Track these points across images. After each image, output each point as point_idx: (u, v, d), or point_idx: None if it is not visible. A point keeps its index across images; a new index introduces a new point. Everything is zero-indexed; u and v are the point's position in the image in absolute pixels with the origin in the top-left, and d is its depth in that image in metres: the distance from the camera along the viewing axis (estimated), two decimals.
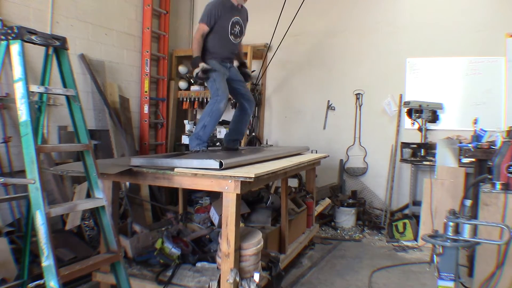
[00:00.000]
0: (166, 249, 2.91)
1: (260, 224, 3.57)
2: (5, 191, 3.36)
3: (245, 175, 2.31)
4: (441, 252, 2.08)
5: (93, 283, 3.07)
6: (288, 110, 5.97)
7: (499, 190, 2.54)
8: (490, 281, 2.51)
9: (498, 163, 2.59)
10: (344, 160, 5.63)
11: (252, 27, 6.05)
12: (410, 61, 5.32)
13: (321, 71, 5.79)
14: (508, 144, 2.64)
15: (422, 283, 3.42)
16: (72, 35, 4.30)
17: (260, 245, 2.68)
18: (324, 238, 4.70)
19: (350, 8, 5.63)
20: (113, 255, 2.24)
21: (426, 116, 5.03)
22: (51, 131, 4.11)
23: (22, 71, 1.92)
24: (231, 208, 2.38)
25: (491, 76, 4.93)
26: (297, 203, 4.18)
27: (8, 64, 2.00)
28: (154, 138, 5.74)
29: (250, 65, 5.58)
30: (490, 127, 4.21)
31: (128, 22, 5.21)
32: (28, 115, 1.90)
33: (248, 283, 2.50)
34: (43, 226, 1.85)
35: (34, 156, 1.88)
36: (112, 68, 4.93)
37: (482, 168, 3.54)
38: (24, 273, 2.45)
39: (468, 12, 5.04)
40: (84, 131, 2.23)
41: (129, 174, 2.60)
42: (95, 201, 2.25)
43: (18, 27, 1.94)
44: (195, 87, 5.84)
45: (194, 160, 2.56)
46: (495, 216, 2.51)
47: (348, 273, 3.65)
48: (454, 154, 4.42)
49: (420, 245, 4.37)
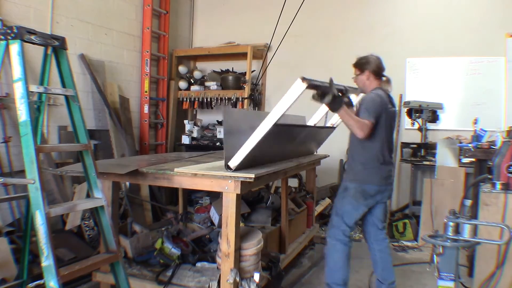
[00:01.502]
0: (166, 249, 2.90)
1: (260, 224, 3.56)
2: (5, 191, 3.36)
3: (245, 175, 2.31)
4: (441, 252, 2.08)
5: (93, 283, 3.06)
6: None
7: (499, 190, 2.54)
8: (490, 281, 2.51)
9: (498, 163, 2.59)
10: (344, 160, 5.62)
11: (252, 27, 6.12)
12: (410, 61, 5.32)
13: (321, 71, 5.74)
14: (508, 144, 2.64)
15: (422, 283, 3.42)
16: (72, 35, 4.31)
17: (260, 245, 2.68)
18: (324, 238, 4.69)
19: (350, 8, 5.63)
20: (113, 255, 2.24)
21: (426, 116, 5.02)
22: (51, 131, 4.11)
23: (22, 71, 1.92)
24: (231, 208, 2.37)
25: (491, 76, 4.92)
26: (297, 203, 4.17)
27: (7, 64, 2.00)
28: (154, 138, 5.74)
29: (250, 65, 5.59)
30: (490, 127, 4.21)
31: (128, 22, 5.21)
32: (27, 115, 1.90)
33: (248, 283, 2.49)
34: (43, 226, 1.85)
35: (33, 156, 1.88)
36: (112, 68, 4.93)
37: (482, 168, 3.54)
38: (24, 273, 2.45)
39: (468, 12, 5.03)
40: (83, 131, 2.23)
41: (129, 174, 2.59)
42: (95, 201, 2.24)
43: (17, 27, 1.94)
44: (195, 87, 5.85)
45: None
46: (495, 216, 2.51)
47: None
48: (454, 154, 4.42)
49: (420, 245, 4.37)
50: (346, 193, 2.86)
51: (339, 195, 2.93)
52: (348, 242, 2.89)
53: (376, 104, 2.78)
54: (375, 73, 2.98)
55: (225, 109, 2.33)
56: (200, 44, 6.45)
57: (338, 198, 2.94)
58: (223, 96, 5.65)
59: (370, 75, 2.97)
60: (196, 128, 5.82)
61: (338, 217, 2.88)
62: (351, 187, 2.85)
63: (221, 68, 6.00)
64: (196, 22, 6.55)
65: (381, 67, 3.01)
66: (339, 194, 2.93)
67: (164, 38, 5.73)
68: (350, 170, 2.93)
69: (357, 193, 2.82)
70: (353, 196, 2.83)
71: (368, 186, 2.82)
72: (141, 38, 5.39)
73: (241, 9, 6.19)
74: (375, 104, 2.78)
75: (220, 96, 5.66)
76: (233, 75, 5.74)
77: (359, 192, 2.82)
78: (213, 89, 5.74)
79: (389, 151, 2.92)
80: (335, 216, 2.91)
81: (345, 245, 2.86)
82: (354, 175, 2.87)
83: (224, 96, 5.64)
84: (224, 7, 6.33)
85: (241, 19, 6.16)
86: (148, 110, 5.39)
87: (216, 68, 6.06)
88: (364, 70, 2.99)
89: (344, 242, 2.86)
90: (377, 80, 2.99)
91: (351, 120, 2.67)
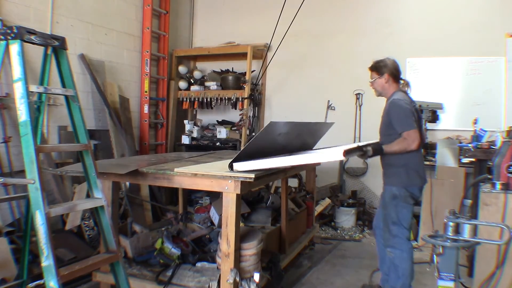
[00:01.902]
0: (166, 249, 2.90)
1: (260, 224, 3.57)
2: (5, 191, 3.36)
3: (245, 175, 2.31)
4: (441, 252, 2.08)
5: (93, 283, 3.06)
6: (288, 110, 5.96)
7: (499, 190, 2.54)
8: (490, 281, 2.51)
9: (498, 163, 2.59)
10: (344, 160, 5.63)
11: (252, 27, 6.13)
12: (410, 61, 5.32)
13: (321, 71, 5.79)
14: (508, 144, 2.64)
15: (422, 283, 3.42)
16: (72, 35, 4.31)
17: (260, 245, 2.68)
18: (324, 238, 4.70)
19: (350, 8, 5.62)
20: (112, 255, 2.24)
21: (426, 116, 5.01)
22: (51, 131, 4.12)
23: (22, 71, 1.92)
24: (231, 208, 2.37)
25: (491, 76, 4.92)
26: (297, 203, 4.18)
27: (7, 64, 2.00)
28: (154, 138, 5.74)
29: (250, 65, 5.59)
30: (490, 127, 4.21)
31: (128, 22, 5.21)
32: (27, 115, 1.90)
33: (248, 283, 2.50)
34: (42, 226, 1.85)
35: (33, 156, 1.88)
36: (112, 68, 4.94)
37: (482, 168, 3.54)
38: (24, 273, 2.45)
39: (468, 12, 5.03)
40: (83, 131, 2.23)
41: (129, 174, 2.59)
42: (94, 201, 2.24)
43: (17, 27, 1.94)
44: (195, 87, 5.85)
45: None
46: (495, 216, 2.51)
47: (348, 273, 3.65)
48: (454, 154, 4.42)
49: (420, 245, 4.37)
50: (397, 200, 2.86)
51: (390, 203, 2.89)
52: (412, 246, 2.94)
53: (406, 111, 2.79)
54: (393, 76, 2.96)
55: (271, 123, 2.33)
56: (200, 44, 6.45)
57: (390, 207, 2.89)
58: (223, 96, 5.65)
59: (389, 78, 2.96)
60: (196, 128, 5.82)
61: (397, 226, 2.87)
62: (400, 192, 2.85)
63: (221, 68, 6.00)
64: (196, 22, 6.56)
65: (399, 69, 2.99)
66: (389, 203, 2.90)
67: (164, 38, 5.73)
68: (392, 175, 2.92)
69: (407, 197, 2.86)
70: (404, 200, 2.86)
71: (414, 189, 2.87)
72: (141, 38, 5.39)
73: (241, 9, 6.19)
74: (405, 111, 2.79)
75: (220, 96, 5.66)
76: (233, 75, 5.74)
77: (409, 196, 2.86)
78: (213, 89, 5.74)
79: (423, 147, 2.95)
80: (393, 226, 2.88)
81: (410, 250, 2.89)
82: (399, 180, 2.87)
83: (224, 96, 5.64)
84: (224, 7, 6.34)
85: (241, 19, 6.16)
86: (148, 110, 5.40)
87: (216, 68, 6.06)
88: (383, 73, 2.96)
89: (410, 247, 2.89)
90: (395, 83, 2.98)
91: (396, 148, 2.78)
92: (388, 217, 2.90)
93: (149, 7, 5.33)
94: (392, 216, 2.87)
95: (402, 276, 2.86)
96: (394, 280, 2.90)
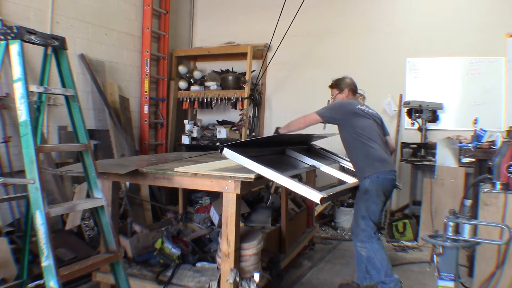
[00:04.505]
0: (166, 249, 2.90)
1: (260, 224, 3.57)
2: (5, 191, 3.36)
3: (245, 175, 2.31)
4: (441, 252, 2.08)
5: (93, 283, 3.06)
6: (288, 110, 5.94)
7: (499, 190, 2.53)
8: (490, 281, 2.51)
9: (498, 163, 2.58)
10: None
11: (252, 27, 6.12)
12: (410, 61, 5.32)
13: (321, 71, 5.76)
14: (508, 144, 2.64)
15: (422, 283, 3.42)
16: (72, 35, 4.31)
17: (260, 245, 2.68)
18: (324, 238, 4.70)
19: (350, 8, 5.62)
20: (112, 255, 2.24)
21: (426, 116, 5.02)
22: (51, 131, 4.11)
23: (22, 71, 1.92)
24: (231, 208, 2.37)
25: (491, 76, 4.92)
26: (297, 203, 4.18)
27: (7, 64, 2.00)
28: (154, 138, 5.74)
29: (250, 65, 5.59)
30: (490, 127, 4.20)
31: (128, 22, 5.21)
32: (27, 115, 1.90)
33: (248, 283, 2.50)
34: (42, 226, 1.85)
35: (33, 156, 1.88)
36: (112, 68, 4.93)
37: (482, 168, 3.54)
38: (24, 273, 2.45)
39: (468, 12, 5.03)
40: (83, 131, 2.23)
41: (129, 174, 2.59)
42: (94, 201, 2.24)
43: (17, 27, 1.94)
44: (195, 87, 5.85)
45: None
46: (495, 216, 2.51)
47: (348, 273, 3.64)
48: (454, 154, 4.41)
49: (420, 245, 4.37)
50: (369, 194, 2.97)
51: (361, 198, 3.01)
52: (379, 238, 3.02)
53: (336, 105, 3.24)
54: (352, 91, 3.38)
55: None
56: (200, 44, 6.45)
57: (361, 202, 3.01)
58: (223, 96, 5.65)
59: (349, 93, 3.36)
60: (196, 128, 5.82)
61: (365, 220, 2.96)
62: (372, 187, 2.97)
63: (221, 68, 6.00)
64: (196, 22, 6.55)
65: (356, 85, 3.43)
66: (360, 197, 3.01)
67: (164, 38, 5.73)
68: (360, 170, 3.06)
69: (379, 191, 2.99)
70: (376, 194, 2.97)
71: (386, 179, 3.02)
72: (141, 38, 5.39)
73: (241, 9, 6.19)
74: (335, 105, 3.26)
75: (220, 96, 5.66)
76: (233, 75, 5.74)
77: (381, 190, 3.00)
78: (213, 89, 5.74)
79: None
80: (362, 220, 2.96)
81: (380, 241, 2.98)
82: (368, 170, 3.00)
83: (224, 96, 5.64)
84: (224, 7, 6.33)
85: (241, 19, 6.16)
86: (148, 110, 5.40)
87: (216, 68, 6.06)
88: (343, 89, 3.37)
89: (378, 238, 2.98)
90: (353, 96, 3.39)
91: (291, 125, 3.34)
92: (358, 211, 3.00)
93: (149, 7, 5.33)
94: (361, 210, 2.96)
95: (382, 267, 2.89)
96: (377, 275, 2.91)
